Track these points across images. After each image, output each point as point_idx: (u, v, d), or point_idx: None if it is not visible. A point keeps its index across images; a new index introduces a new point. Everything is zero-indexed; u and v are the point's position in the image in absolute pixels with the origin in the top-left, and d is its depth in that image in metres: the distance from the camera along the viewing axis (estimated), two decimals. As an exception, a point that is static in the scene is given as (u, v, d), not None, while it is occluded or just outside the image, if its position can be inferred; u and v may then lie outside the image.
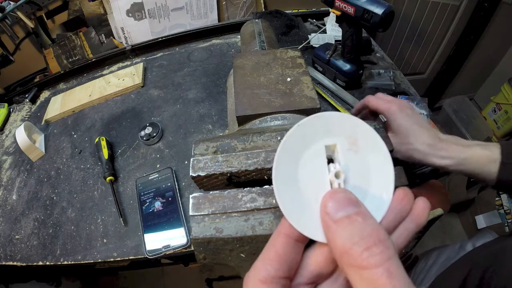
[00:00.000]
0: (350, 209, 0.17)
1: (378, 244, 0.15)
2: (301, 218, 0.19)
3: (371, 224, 0.16)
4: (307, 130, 0.20)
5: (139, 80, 0.90)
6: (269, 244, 0.19)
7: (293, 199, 0.19)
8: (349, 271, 0.16)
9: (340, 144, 0.20)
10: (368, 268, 0.15)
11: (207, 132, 0.75)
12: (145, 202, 0.63)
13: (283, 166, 0.19)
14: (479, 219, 1.23)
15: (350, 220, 0.16)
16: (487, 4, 1.23)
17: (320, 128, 0.20)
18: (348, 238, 0.16)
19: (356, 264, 0.15)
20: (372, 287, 0.14)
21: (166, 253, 0.57)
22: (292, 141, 0.19)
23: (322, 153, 0.20)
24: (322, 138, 0.20)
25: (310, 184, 0.19)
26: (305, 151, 0.20)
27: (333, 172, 0.19)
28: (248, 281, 0.19)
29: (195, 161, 0.28)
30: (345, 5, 0.66)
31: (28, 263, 0.62)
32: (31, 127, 0.82)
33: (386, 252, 0.15)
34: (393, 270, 0.15)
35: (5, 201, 0.73)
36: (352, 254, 0.15)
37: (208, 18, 1.07)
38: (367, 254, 0.15)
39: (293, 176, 0.19)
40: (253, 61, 0.44)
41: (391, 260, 0.15)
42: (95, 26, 1.04)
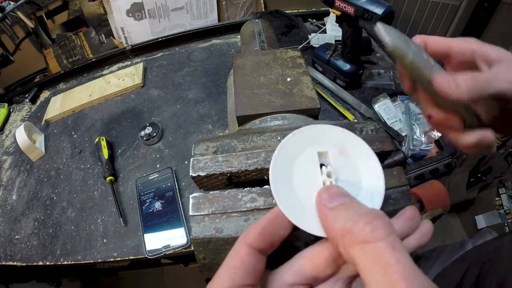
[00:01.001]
0: (344, 199, 0.18)
1: (377, 219, 0.16)
2: (298, 214, 0.20)
3: (364, 207, 0.17)
4: (302, 138, 0.22)
5: (139, 80, 0.90)
6: (233, 252, 0.19)
7: (289, 197, 0.20)
8: (353, 251, 0.16)
9: (331, 151, 0.22)
10: (372, 242, 0.15)
11: (207, 132, 0.75)
12: (145, 202, 0.63)
13: (279, 168, 0.21)
14: (479, 219, 1.23)
15: (346, 205, 0.18)
16: (487, 4, 1.23)
17: (313, 137, 0.22)
18: (348, 219, 0.16)
19: (359, 240, 0.15)
20: (376, 261, 0.15)
21: (166, 253, 0.57)
22: (287, 148, 0.22)
23: (315, 157, 0.22)
24: (314, 145, 0.22)
25: (304, 184, 0.21)
26: (299, 155, 0.22)
27: (325, 172, 0.21)
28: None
29: (195, 161, 0.28)
30: (345, 5, 0.66)
31: (28, 263, 0.62)
32: (31, 127, 0.82)
33: (387, 227, 0.16)
34: (396, 245, 0.15)
35: (5, 201, 0.73)
36: (354, 232, 0.16)
37: (208, 18, 1.07)
38: (369, 228, 0.15)
39: (289, 177, 0.21)
40: (253, 61, 0.44)
41: (393, 235, 0.15)
42: (95, 26, 1.04)
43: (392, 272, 0.14)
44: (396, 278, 0.14)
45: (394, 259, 0.14)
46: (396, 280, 0.14)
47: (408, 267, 0.14)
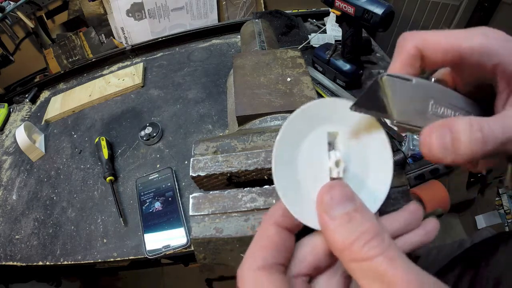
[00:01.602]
0: (347, 206, 0.17)
1: (376, 237, 0.16)
2: (299, 206, 0.19)
3: (369, 219, 0.17)
4: (311, 115, 0.19)
5: (139, 80, 0.90)
6: (261, 233, 0.19)
7: (292, 186, 0.19)
8: (351, 266, 0.16)
9: (342, 133, 0.20)
10: (370, 259, 0.15)
11: (207, 132, 0.75)
12: (145, 202, 0.63)
13: (283, 150, 0.19)
14: (479, 219, 1.23)
15: (349, 217, 0.17)
16: (487, 4, 1.23)
17: (324, 113, 0.19)
18: (348, 235, 0.16)
19: (358, 258, 0.16)
20: (375, 275, 0.15)
21: (166, 253, 0.57)
22: (294, 125, 0.19)
23: (323, 139, 0.19)
24: (324, 124, 0.19)
25: (309, 171, 0.19)
26: (307, 136, 0.19)
27: (334, 160, 0.19)
28: (245, 273, 0.18)
29: (195, 161, 0.28)
30: (345, 5, 0.66)
31: (28, 263, 0.62)
32: (31, 127, 0.82)
33: (384, 243, 0.16)
34: (392, 255, 0.15)
35: (5, 201, 0.73)
36: (353, 250, 0.16)
37: (208, 18, 1.07)
38: (367, 247, 0.16)
39: (293, 161, 0.19)
40: (253, 61, 0.44)
41: (390, 248, 0.16)
42: (95, 26, 1.04)
43: (389, 280, 0.15)
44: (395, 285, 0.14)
45: (392, 269, 0.15)
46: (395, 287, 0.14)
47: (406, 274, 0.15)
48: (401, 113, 0.18)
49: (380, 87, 0.18)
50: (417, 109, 0.18)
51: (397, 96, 0.18)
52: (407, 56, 0.19)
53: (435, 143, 0.17)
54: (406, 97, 0.18)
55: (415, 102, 0.18)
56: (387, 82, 0.17)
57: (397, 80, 0.18)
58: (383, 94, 0.18)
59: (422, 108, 0.18)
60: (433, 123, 0.17)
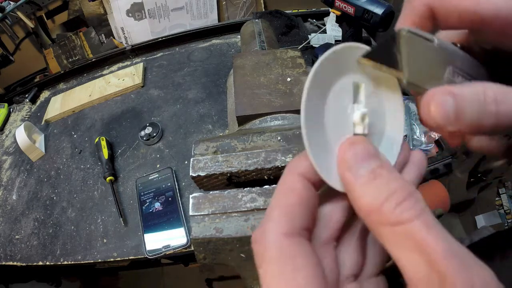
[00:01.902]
0: (372, 163, 0.15)
1: (409, 197, 0.14)
2: (322, 160, 0.16)
3: (397, 177, 0.15)
4: (340, 60, 0.17)
5: (139, 80, 0.90)
6: (285, 188, 0.16)
7: (318, 137, 0.16)
8: (380, 230, 0.14)
9: (366, 85, 0.18)
10: (404, 223, 0.13)
11: (207, 132, 0.75)
12: (145, 202, 0.63)
13: (312, 95, 0.16)
14: (479, 219, 1.23)
15: (375, 174, 0.15)
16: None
17: (351, 60, 0.17)
18: (376, 195, 0.14)
19: (389, 222, 0.14)
20: (410, 242, 0.13)
21: (166, 253, 0.57)
22: (324, 69, 0.17)
23: (349, 89, 0.18)
24: (351, 73, 0.18)
25: (334, 124, 0.17)
26: (335, 83, 0.17)
27: (359, 113, 0.17)
28: (267, 238, 0.15)
29: (195, 161, 0.28)
30: (345, 5, 0.66)
31: (28, 263, 0.62)
32: (31, 127, 0.82)
33: (419, 205, 0.14)
34: (430, 221, 0.13)
35: (5, 201, 0.73)
36: (383, 212, 0.14)
37: (208, 18, 1.07)
38: (400, 209, 0.13)
39: (321, 110, 0.17)
40: (253, 61, 0.44)
41: (425, 212, 0.13)
42: (95, 26, 1.04)
43: (430, 251, 0.12)
44: (436, 257, 0.12)
45: (431, 237, 0.13)
46: (436, 260, 0.12)
47: (447, 244, 0.13)
48: (414, 73, 0.16)
49: (397, 42, 0.16)
50: (432, 73, 0.16)
51: (413, 55, 0.16)
52: (416, 16, 0.17)
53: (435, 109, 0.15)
54: (424, 58, 0.16)
55: (432, 65, 0.16)
56: (406, 39, 0.16)
57: (417, 39, 0.16)
58: (398, 50, 0.16)
59: (438, 72, 0.16)
60: (440, 87, 0.15)
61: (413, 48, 0.16)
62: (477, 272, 0.13)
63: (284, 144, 0.28)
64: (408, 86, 0.16)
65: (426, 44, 0.16)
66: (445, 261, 0.12)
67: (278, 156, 0.27)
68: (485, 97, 0.14)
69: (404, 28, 0.16)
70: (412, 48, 0.16)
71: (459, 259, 0.12)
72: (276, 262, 0.14)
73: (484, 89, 0.14)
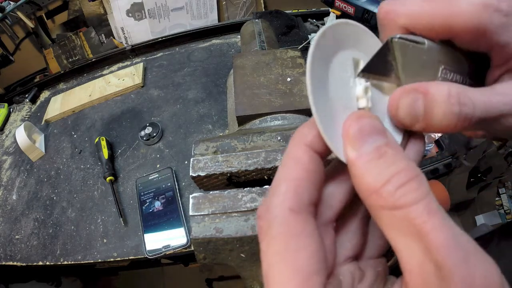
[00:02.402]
0: (378, 140, 0.14)
1: (413, 180, 0.13)
2: (329, 129, 0.15)
3: (403, 157, 0.14)
4: (339, 35, 0.17)
5: (139, 80, 0.90)
6: (291, 160, 0.15)
7: (324, 107, 0.16)
8: (378, 213, 0.13)
9: (364, 61, 0.18)
10: (404, 207, 0.13)
11: (207, 132, 0.75)
12: (145, 202, 0.63)
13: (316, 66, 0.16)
14: (479, 219, 1.23)
15: (380, 152, 0.14)
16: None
17: (350, 37, 0.18)
18: (378, 175, 0.13)
19: (388, 205, 0.13)
20: (408, 228, 0.12)
21: (166, 253, 0.57)
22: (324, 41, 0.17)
23: (349, 63, 0.18)
24: (350, 48, 0.18)
25: (339, 94, 0.17)
26: (336, 56, 0.17)
27: (362, 87, 0.17)
28: (272, 213, 0.14)
29: (195, 161, 0.28)
30: (345, 5, 0.66)
31: (28, 263, 0.62)
32: (31, 127, 0.82)
33: (423, 188, 0.13)
34: (433, 207, 0.12)
35: (5, 201, 0.73)
36: (383, 194, 0.13)
37: (208, 18, 1.07)
38: (401, 192, 0.13)
39: (325, 80, 0.17)
40: (253, 61, 0.44)
41: (429, 196, 0.13)
42: (95, 26, 1.04)
43: (428, 239, 0.12)
44: (434, 246, 0.12)
45: (431, 224, 0.12)
46: (434, 249, 0.12)
47: (449, 233, 0.12)
48: (410, 78, 0.17)
49: (390, 50, 0.16)
50: (427, 74, 0.17)
51: (407, 61, 0.16)
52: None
53: (404, 107, 0.16)
54: (417, 61, 0.17)
55: (426, 67, 0.17)
56: (399, 45, 0.16)
57: (409, 44, 0.16)
58: (393, 58, 0.16)
59: (432, 73, 0.17)
60: (408, 85, 0.16)
61: (406, 53, 0.16)
62: (480, 267, 0.12)
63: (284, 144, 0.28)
64: None
65: (418, 47, 0.17)
66: (444, 251, 0.12)
67: (278, 156, 0.27)
68: (450, 97, 0.15)
69: (395, 35, 0.16)
70: (406, 54, 0.16)
71: (460, 250, 0.12)
72: (280, 238, 0.14)
73: (449, 90, 0.15)
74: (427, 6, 0.16)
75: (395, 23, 0.17)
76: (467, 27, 0.15)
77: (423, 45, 0.17)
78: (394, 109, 0.16)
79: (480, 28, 0.15)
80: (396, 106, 0.16)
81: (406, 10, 0.16)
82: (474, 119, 0.15)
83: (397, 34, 0.16)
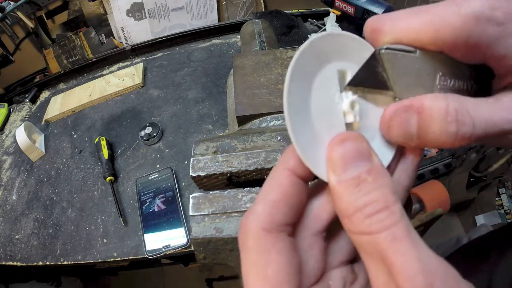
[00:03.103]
0: (360, 167, 0.14)
1: (383, 210, 0.13)
2: (310, 152, 0.15)
3: (381, 186, 0.14)
4: (320, 49, 0.16)
5: (139, 80, 0.90)
6: (272, 182, 0.16)
7: (304, 130, 0.16)
8: (350, 235, 0.15)
9: (351, 71, 0.17)
10: (371, 234, 0.13)
11: (207, 132, 0.75)
12: (145, 202, 0.63)
13: (295, 87, 0.16)
14: (479, 219, 1.23)
15: (359, 181, 0.14)
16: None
17: (333, 48, 0.17)
18: (352, 203, 0.14)
19: (357, 230, 0.14)
20: (375, 253, 0.13)
21: (166, 253, 0.57)
22: (304, 59, 0.16)
23: (334, 78, 0.17)
24: (334, 61, 0.17)
25: (322, 115, 0.16)
26: (318, 73, 0.16)
27: (348, 102, 0.16)
28: (248, 228, 0.15)
29: (195, 161, 0.28)
30: (345, 5, 0.66)
31: (28, 263, 0.62)
32: (31, 127, 0.82)
33: (393, 217, 0.13)
34: (399, 234, 0.13)
35: (5, 201, 0.73)
36: (354, 221, 0.14)
37: (208, 18, 1.07)
38: (369, 221, 0.13)
39: (306, 101, 0.16)
40: (253, 61, 0.44)
41: (398, 225, 0.13)
42: (95, 26, 1.04)
43: (391, 263, 0.13)
44: (396, 269, 0.12)
45: (394, 249, 0.13)
46: (395, 272, 0.12)
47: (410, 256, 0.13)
48: (404, 89, 0.16)
49: (379, 62, 0.16)
50: (423, 83, 0.16)
51: (398, 71, 0.16)
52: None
53: (396, 127, 0.15)
54: (411, 71, 0.16)
55: (420, 75, 0.16)
56: (387, 56, 0.15)
57: (398, 53, 0.16)
58: (383, 69, 0.16)
59: (429, 81, 0.16)
60: (401, 102, 0.15)
61: (396, 63, 0.16)
62: None
63: (284, 144, 0.28)
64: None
65: (409, 56, 0.16)
66: (404, 275, 0.12)
67: (278, 156, 0.27)
68: (447, 115, 0.14)
69: (382, 46, 0.16)
70: (396, 64, 0.16)
71: (423, 275, 0.12)
72: (252, 252, 0.15)
73: (446, 107, 0.14)
74: (413, 21, 0.15)
75: (382, 41, 0.16)
76: (456, 41, 0.14)
77: (414, 54, 0.16)
78: (386, 128, 0.16)
79: (470, 42, 0.14)
80: (387, 125, 0.16)
81: (392, 27, 0.16)
82: (473, 138, 0.14)
83: (384, 45, 0.16)
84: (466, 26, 0.14)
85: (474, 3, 0.14)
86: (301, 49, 0.16)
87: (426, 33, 0.15)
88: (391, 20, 0.16)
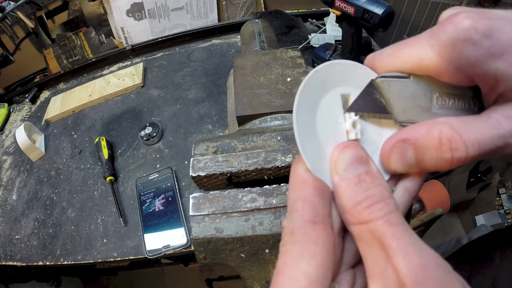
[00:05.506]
0: (359, 168, 0.16)
1: (380, 202, 0.15)
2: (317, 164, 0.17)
3: (378, 185, 0.16)
4: (324, 76, 0.18)
5: (139, 80, 0.90)
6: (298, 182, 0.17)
7: (311, 145, 0.17)
8: (350, 228, 0.16)
9: (354, 95, 0.19)
10: (369, 222, 0.15)
11: (207, 132, 0.75)
12: (145, 202, 0.63)
13: (302, 110, 0.17)
14: (479, 219, 1.23)
15: (358, 179, 0.16)
16: (487, 4, 1.23)
17: (336, 75, 0.19)
18: (352, 197, 0.16)
19: (357, 221, 0.15)
20: (372, 239, 0.14)
21: (166, 253, 0.57)
22: (310, 85, 0.18)
23: (338, 101, 0.19)
24: (338, 86, 0.19)
25: (327, 132, 0.18)
26: (322, 97, 0.18)
27: (350, 121, 0.18)
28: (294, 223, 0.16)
29: (195, 161, 0.28)
30: (345, 5, 0.66)
31: (28, 263, 0.62)
32: (31, 127, 0.82)
33: (387, 208, 0.15)
34: (394, 221, 0.14)
35: (5, 201, 0.73)
36: (354, 212, 0.15)
37: (208, 18, 1.07)
38: (368, 212, 0.15)
39: (312, 121, 0.18)
40: (253, 61, 0.44)
41: (393, 214, 0.15)
42: (95, 26, 1.04)
43: (388, 244, 0.14)
44: (392, 249, 0.14)
45: (391, 232, 0.14)
46: (392, 253, 0.14)
47: (406, 239, 0.14)
48: (402, 111, 0.17)
49: (377, 89, 0.18)
50: (421, 105, 0.17)
51: (396, 96, 0.17)
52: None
53: (395, 160, 0.17)
54: (406, 95, 0.17)
55: (417, 98, 0.17)
56: (382, 84, 0.17)
57: (392, 80, 0.17)
58: (380, 95, 0.18)
59: (426, 103, 0.18)
60: (396, 135, 0.17)
61: (391, 89, 0.17)
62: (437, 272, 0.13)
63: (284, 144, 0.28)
64: (404, 125, 0.17)
65: (403, 81, 0.17)
66: (400, 254, 0.13)
67: (278, 156, 0.27)
68: (441, 145, 0.15)
69: (377, 76, 0.17)
70: (391, 90, 0.17)
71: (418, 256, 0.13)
72: (299, 244, 0.16)
73: (439, 136, 0.15)
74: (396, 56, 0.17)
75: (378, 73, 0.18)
76: (439, 68, 0.16)
77: (408, 78, 0.17)
78: (386, 162, 0.18)
79: (452, 66, 0.16)
80: (387, 159, 0.17)
81: (381, 62, 0.18)
82: (468, 159, 0.15)
83: (379, 74, 0.17)
84: (444, 54, 0.15)
85: (448, 28, 0.15)
86: (307, 76, 0.18)
87: (409, 63, 0.17)
88: (380, 55, 0.18)
